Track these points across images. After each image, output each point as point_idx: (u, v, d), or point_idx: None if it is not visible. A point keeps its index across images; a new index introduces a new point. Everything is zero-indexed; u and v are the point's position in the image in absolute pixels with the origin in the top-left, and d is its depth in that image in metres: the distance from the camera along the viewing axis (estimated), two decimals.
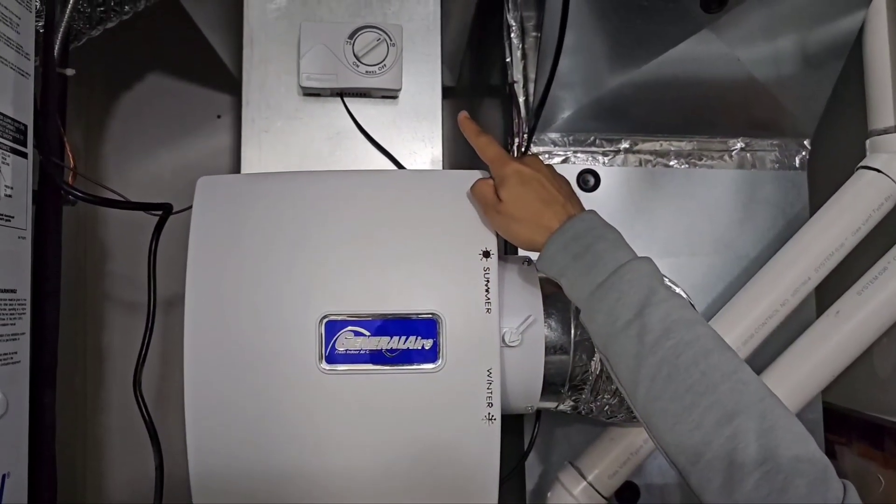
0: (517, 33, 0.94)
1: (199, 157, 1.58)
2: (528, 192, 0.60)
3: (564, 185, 0.63)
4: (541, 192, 0.60)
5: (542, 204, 0.60)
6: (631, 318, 0.53)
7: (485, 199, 0.62)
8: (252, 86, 0.80)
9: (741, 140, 0.96)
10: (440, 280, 0.61)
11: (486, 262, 0.61)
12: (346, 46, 0.77)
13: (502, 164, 0.62)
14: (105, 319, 1.52)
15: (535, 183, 0.60)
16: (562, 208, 0.59)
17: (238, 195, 0.65)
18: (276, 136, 0.80)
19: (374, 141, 0.80)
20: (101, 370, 1.52)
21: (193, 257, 0.62)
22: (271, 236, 0.62)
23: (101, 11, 1.02)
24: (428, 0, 0.83)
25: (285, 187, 0.65)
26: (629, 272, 0.55)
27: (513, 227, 0.60)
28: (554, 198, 0.60)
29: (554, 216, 0.59)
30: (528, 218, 0.59)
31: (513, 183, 0.60)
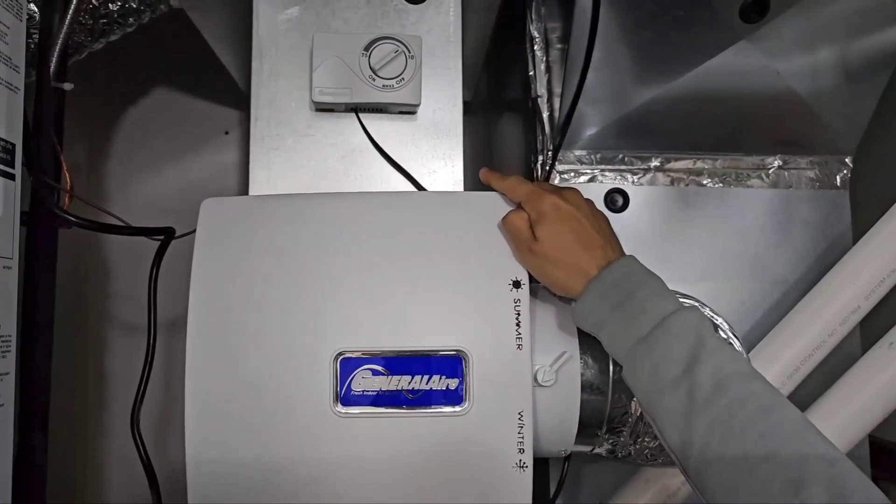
0: (541, 45, 0.89)
1: (205, 175, 1.53)
2: (566, 231, 0.55)
3: (605, 224, 0.58)
4: (580, 231, 0.55)
5: (580, 246, 0.55)
6: (679, 374, 0.48)
7: (518, 234, 0.57)
8: (261, 101, 0.75)
9: (778, 158, 0.90)
10: (466, 313, 0.56)
11: (516, 294, 0.56)
12: (361, 59, 0.72)
13: (538, 197, 0.56)
14: (107, 343, 1.47)
15: (575, 221, 0.55)
16: (601, 252, 0.55)
17: (245, 218, 0.60)
18: (286, 155, 0.74)
19: (392, 159, 0.74)
20: (102, 396, 1.47)
21: (196, 286, 0.57)
22: (281, 264, 0.57)
23: (103, 24, 0.98)
24: (448, 10, 0.78)
25: (296, 210, 0.60)
26: (675, 324, 0.50)
27: (547, 269, 0.55)
28: (593, 239, 0.55)
29: (592, 260, 0.54)
30: (565, 260, 0.54)
31: (550, 219, 0.55)
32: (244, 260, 0.58)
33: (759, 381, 0.48)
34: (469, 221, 0.59)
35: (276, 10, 0.76)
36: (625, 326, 0.51)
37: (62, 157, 0.71)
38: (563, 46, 0.90)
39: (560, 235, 0.55)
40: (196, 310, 0.57)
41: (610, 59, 0.81)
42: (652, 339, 0.50)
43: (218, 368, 0.55)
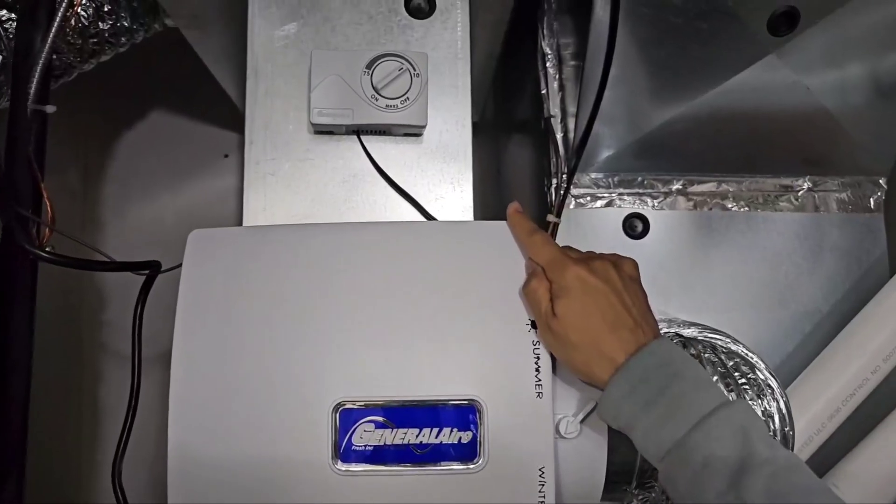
0: (553, 62, 0.84)
1: (204, 199, 1.49)
2: (591, 310, 0.48)
3: (639, 300, 0.50)
4: (607, 310, 0.48)
5: (606, 326, 0.47)
6: (724, 489, 0.41)
7: (537, 306, 0.50)
8: (256, 123, 0.70)
9: (807, 179, 0.85)
10: (480, 358, 0.50)
11: (535, 335, 0.50)
12: (363, 77, 0.67)
13: (562, 268, 0.49)
14: (102, 373, 1.42)
15: (602, 297, 0.48)
16: (630, 334, 0.47)
17: (236, 252, 0.54)
18: (283, 181, 0.69)
19: (397, 185, 0.69)
20: (97, 430, 1.41)
21: (181, 327, 0.52)
22: (274, 302, 0.52)
23: (93, 44, 0.93)
24: (455, 25, 0.73)
25: (292, 242, 0.54)
26: (717, 425, 0.43)
27: (567, 352, 0.48)
28: (622, 319, 0.48)
29: (619, 345, 0.47)
30: (587, 343, 0.47)
31: (573, 295, 0.48)
32: (234, 297, 0.52)
33: (822, 494, 0.42)
34: (482, 254, 0.53)
35: (272, 26, 0.72)
36: (658, 427, 0.45)
37: (43, 185, 0.66)
38: (578, 63, 0.85)
39: (583, 314, 0.48)
40: (180, 353, 0.51)
41: (628, 75, 0.76)
42: (691, 442, 0.43)
43: (203, 420, 0.50)
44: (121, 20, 0.94)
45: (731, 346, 0.62)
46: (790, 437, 0.59)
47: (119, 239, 1.45)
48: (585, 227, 0.83)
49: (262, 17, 0.72)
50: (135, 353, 0.62)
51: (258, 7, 0.72)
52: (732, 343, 0.63)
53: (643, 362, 0.46)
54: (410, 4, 0.73)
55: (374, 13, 0.73)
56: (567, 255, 0.51)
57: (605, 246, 0.83)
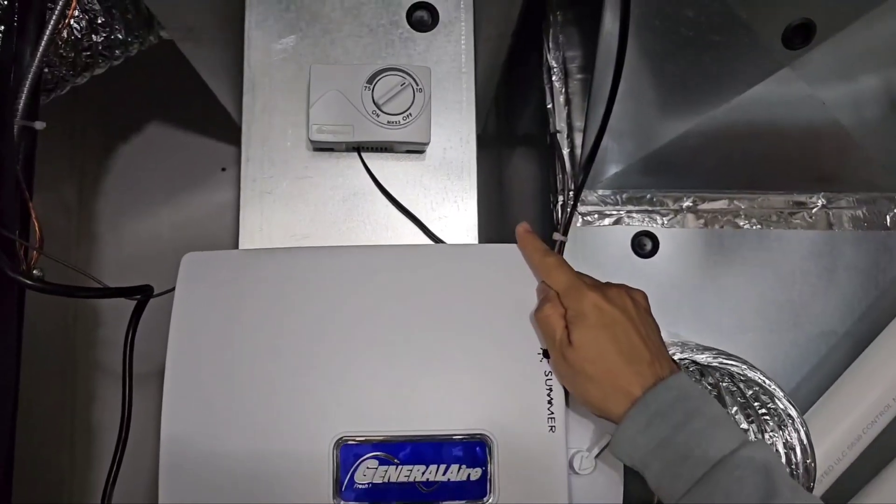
0: (559, 76, 0.82)
1: (201, 213, 1.46)
2: (608, 340, 0.45)
3: (654, 332, 0.48)
4: (623, 341, 0.46)
5: (622, 359, 0.45)
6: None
7: (551, 333, 0.47)
8: (253, 139, 0.68)
9: (822, 196, 0.83)
10: (489, 389, 0.47)
11: (547, 365, 0.48)
12: (364, 92, 0.65)
13: (578, 294, 0.47)
14: (96, 392, 1.39)
15: (619, 327, 0.46)
16: (648, 368, 0.45)
17: (231, 276, 0.52)
18: (281, 199, 0.67)
19: (399, 204, 0.67)
20: (91, 449, 1.38)
21: (173, 355, 0.49)
22: (271, 330, 0.49)
23: (86, 56, 0.91)
24: (459, 38, 0.71)
25: (290, 266, 0.52)
26: (740, 465, 0.41)
27: (581, 383, 0.46)
28: (639, 352, 0.45)
29: (636, 378, 0.45)
30: (603, 376, 0.45)
31: (590, 323, 0.46)
32: (229, 325, 0.50)
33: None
34: (491, 279, 0.50)
35: (270, 39, 0.69)
36: (674, 466, 0.42)
37: (31, 205, 0.64)
38: (584, 76, 0.82)
39: (599, 344, 0.45)
40: (173, 383, 0.49)
41: (637, 90, 0.74)
42: (709, 484, 0.41)
43: (197, 454, 0.47)
44: (115, 33, 0.92)
45: (748, 374, 0.59)
46: (812, 469, 0.57)
47: (114, 254, 1.43)
48: (593, 245, 0.80)
49: (260, 29, 0.70)
50: (125, 382, 0.59)
51: (255, 19, 0.70)
52: (749, 370, 0.60)
53: (660, 398, 0.44)
54: (413, 17, 0.71)
55: (375, 26, 0.70)
56: (583, 280, 0.48)
57: (613, 265, 0.81)
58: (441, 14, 0.71)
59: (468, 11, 0.71)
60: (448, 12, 0.71)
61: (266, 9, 0.70)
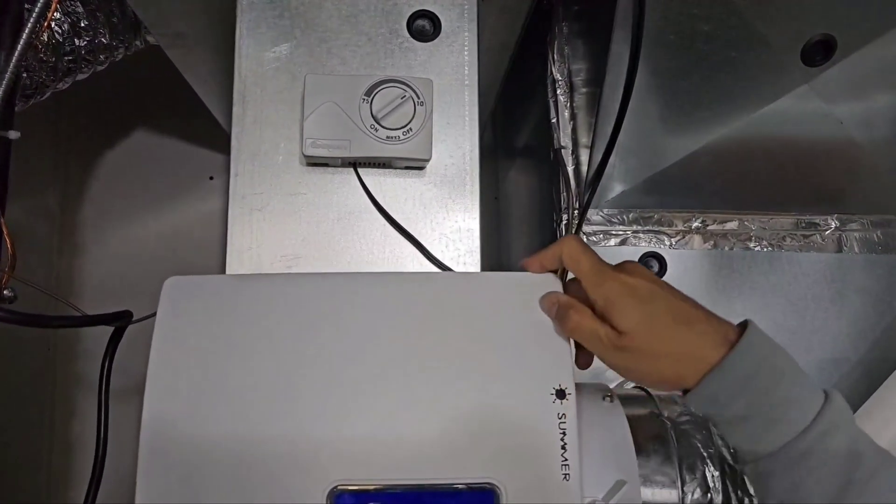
0: (564, 90, 0.79)
1: (189, 222, 1.42)
2: (658, 312, 0.43)
3: (680, 293, 0.46)
4: (672, 309, 0.44)
5: (682, 326, 0.43)
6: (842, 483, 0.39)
7: (593, 335, 0.44)
8: (243, 153, 0.64)
9: (835, 218, 0.80)
10: (497, 434, 0.43)
11: (561, 406, 0.44)
12: (361, 105, 0.61)
13: (601, 278, 0.45)
14: (76, 406, 1.34)
15: (659, 298, 0.44)
16: (708, 325, 0.43)
17: (217, 305, 0.48)
18: (271, 217, 0.63)
19: (398, 224, 0.63)
20: (69, 466, 1.33)
21: (152, 392, 0.45)
22: (259, 365, 0.45)
23: (68, 61, 0.87)
24: (462, 48, 0.67)
25: (281, 294, 0.48)
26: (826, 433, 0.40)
27: (648, 366, 0.44)
28: (690, 314, 0.44)
29: (703, 339, 0.43)
30: (669, 349, 0.43)
31: (630, 304, 0.43)
32: (213, 358, 0.46)
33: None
34: (498, 312, 0.47)
35: (262, 47, 0.65)
36: (762, 431, 0.41)
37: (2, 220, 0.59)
38: (591, 90, 0.79)
39: (652, 320, 0.43)
40: (151, 420, 0.45)
41: (647, 106, 0.71)
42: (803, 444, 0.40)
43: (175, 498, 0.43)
44: (99, 36, 0.88)
45: None
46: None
47: (98, 264, 1.38)
48: None
49: (252, 36, 0.66)
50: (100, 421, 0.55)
51: (247, 26, 0.66)
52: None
53: (743, 362, 0.42)
54: (413, 25, 0.67)
55: (373, 34, 0.67)
56: (602, 266, 0.46)
57: None
58: (443, 23, 0.67)
59: (472, 21, 0.68)
60: (451, 21, 0.68)
61: (258, 15, 0.66)
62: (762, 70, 0.67)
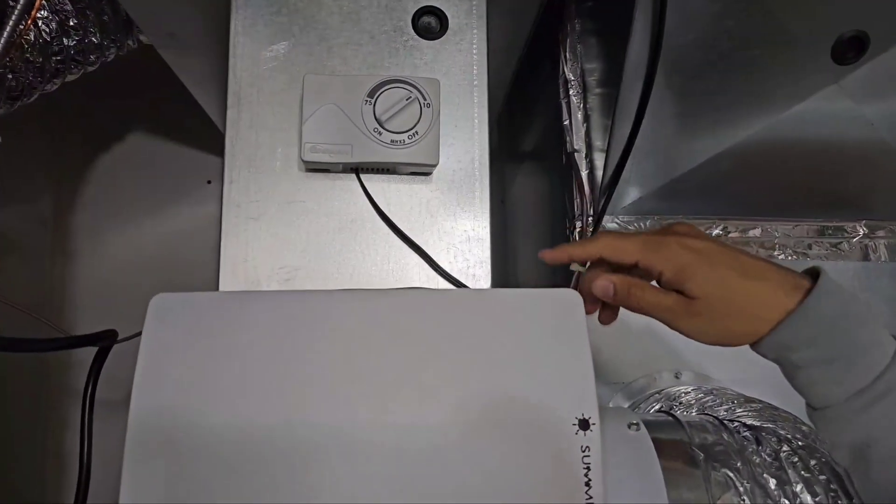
0: (577, 90, 0.75)
1: (186, 227, 1.38)
2: (723, 271, 0.42)
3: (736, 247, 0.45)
4: (742, 265, 0.43)
5: (754, 281, 0.42)
6: None
7: (665, 307, 0.44)
8: (238, 158, 0.60)
9: (863, 224, 0.75)
10: (515, 469, 0.39)
11: (584, 438, 0.40)
12: (364, 107, 0.57)
13: (659, 246, 0.44)
14: (70, 419, 1.30)
15: (718, 255, 0.43)
16: (781, 276, 0.43)
17: (205, 323, 0.44)
18: (268, 227, 0.59)
19: (404, 235, 0.59)
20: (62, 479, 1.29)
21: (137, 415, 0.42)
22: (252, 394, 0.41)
23: (57, 62, 0.83)
24: (471, 47, 0.64)
25: (275, 314, 0.44)
26: None
27: (727, 328, 0.43)
28: (760, 267, 0.43)
29: (780, 291, 0.42)
30: (746, 306, 0.42)
31: (702, 271, 0.42)
32: (203, 383, 0.42)
33: None
34: (513, 334, 0.43)
35: (258, 46, 0.62)
36: (842, 373, 0.41)
37: None
38: (605, 91, 0.75)
39: (724, 281, 0.42)
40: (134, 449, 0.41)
41: (667, 107, 0.67)
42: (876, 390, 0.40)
43: None
44: (89, 36, 0.84)
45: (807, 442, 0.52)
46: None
47: (93, 271, 1.35)
48: None
49: (247, 35, 0.62)
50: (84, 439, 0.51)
51: (242, 24, 0.62)
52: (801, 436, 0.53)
53: (820, 308, 0.41)
54: (419, 23, 0.63)
55: (376, 32, 0.63)
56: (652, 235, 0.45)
57: None
58: (451, 20, 0.64)
59: (481, 17, 0.64)
60: (458, 18, 0.64)
61: (254, 12, 0.62)
62: (789, 69, 0.63)
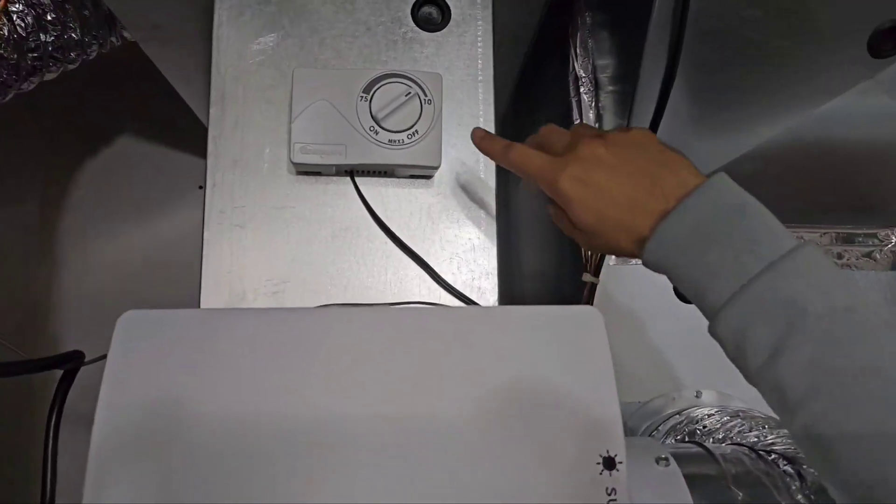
0: (588, 88, 0.70)
1: (178, 234, 1.33)
2: (604, 207, 0.41)
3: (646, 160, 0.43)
4: (618, 194, 0.41)
5: (626, 213, 0.41)
6: None
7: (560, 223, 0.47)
8: (222, 160, 0.55)
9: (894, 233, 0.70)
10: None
11: (610, 479, 0.35)
12: (359, 104, 0.52)
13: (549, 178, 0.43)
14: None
15: (605, 176, 0.42)
16: (662, 182, 0.41)
17: (180, 346, 0.39)
18: (254, 235, 0.54)
19: (403, 243, 0.54)
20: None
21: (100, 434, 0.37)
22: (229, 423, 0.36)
23: (33, 59, 0.78)
24: (476, 38, 0.59)
25: (260, 335, 0.39)
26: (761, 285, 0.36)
27: (604, 243, 0.43)
28: (637, 180, 0.41)
29: (656, 198, 0.41)
30: (617, 239, 0.42)
31: (579, 203, 0.42)
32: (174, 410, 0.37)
33: None
34: (529, 358, 0.38)
35: (245, 38, 0.57)
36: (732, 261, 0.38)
37: None
38: (618, 88, 0.70)
39: (601, 215, 0.42)
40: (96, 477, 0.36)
41: (685, 105, 0.62)
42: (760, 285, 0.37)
43: None
44: (68, 31, 0.79)
45: None
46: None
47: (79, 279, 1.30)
48: (629, 286, 0.68)
49: (232, 26, 0.57)
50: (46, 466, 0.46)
51: (227, 14, 0.57)
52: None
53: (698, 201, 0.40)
54: (419, 13, 0.58)
55: (373, 23, 0.58)
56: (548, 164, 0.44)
57: (651, 309, 0.69)
58: (453, 10, 0.59)
59: (486, 7, 0.59)
60: (461, 8, 0.59)
61: (240, 1, 0.57)
62: (821, 62, 0.58)
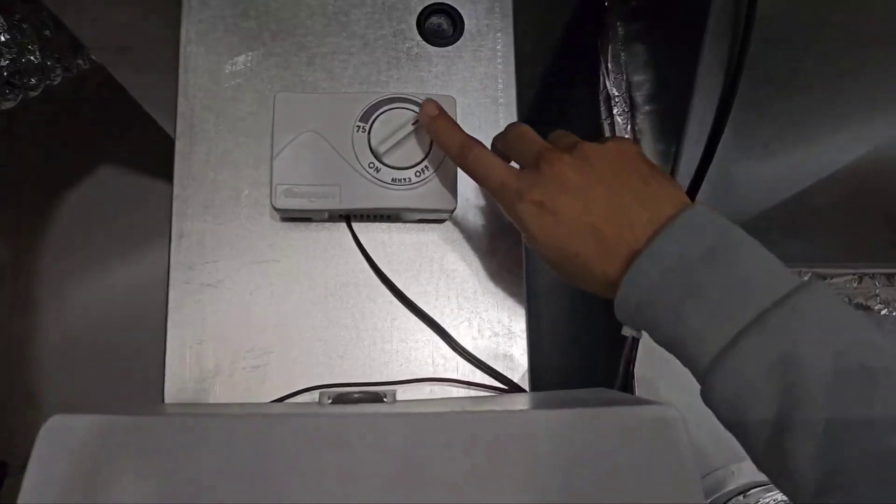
0: (623, 108, 0.60)
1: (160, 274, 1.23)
2: (565, 231, 0.36)
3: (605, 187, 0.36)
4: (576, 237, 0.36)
5: (590, 234, 0.36)
6: None
7: None
8: (189, 205, 0.45)
9: None
10: None
11: None
12: (356, 135, 0.43)
13: (508, 201, 0.37)
14: None
15: (567, 213, 0.36)
16: (628, 221, 0.35)
17: (111, 462, 0.29)
18: (229, 297, 0.44)
19: (414, 305, 0.44)
20: None
21: None
22: None
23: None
24: (494, 54, 0.49)
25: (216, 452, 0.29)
26: None
27: (564, 272, 0.38)
28: (599, 217, 0.36)
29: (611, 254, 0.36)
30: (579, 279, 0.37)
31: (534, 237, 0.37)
32: None
33: None
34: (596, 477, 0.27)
35: (217, 58, 0.47)
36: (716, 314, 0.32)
37: None
38: (656, 108, 0.61)
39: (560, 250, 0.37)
40: None
41: (740, 127, 0.52)
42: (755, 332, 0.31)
43: None
44: (26, 54, 0.70)
45: None
46: None
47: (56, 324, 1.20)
48: None
49: (203, 44, 0.47)
50: None
51: (195, 29, 0.47)
52: None
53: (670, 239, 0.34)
54: (427, 25, 0.49)
55: (371, 38, 0.48)
56: (515, 177, 0.37)
57: None
58: (467, 20, 0.49)
59: (506, 16, 0.50)
60: (477, 18, 0.49)
61: (213, 14, 0.48)
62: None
